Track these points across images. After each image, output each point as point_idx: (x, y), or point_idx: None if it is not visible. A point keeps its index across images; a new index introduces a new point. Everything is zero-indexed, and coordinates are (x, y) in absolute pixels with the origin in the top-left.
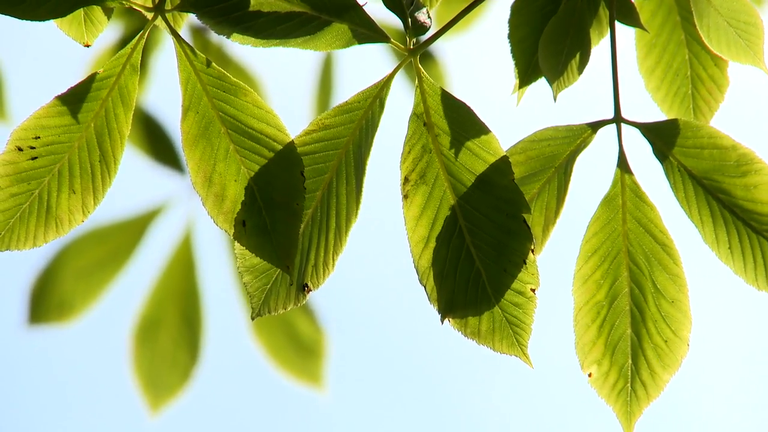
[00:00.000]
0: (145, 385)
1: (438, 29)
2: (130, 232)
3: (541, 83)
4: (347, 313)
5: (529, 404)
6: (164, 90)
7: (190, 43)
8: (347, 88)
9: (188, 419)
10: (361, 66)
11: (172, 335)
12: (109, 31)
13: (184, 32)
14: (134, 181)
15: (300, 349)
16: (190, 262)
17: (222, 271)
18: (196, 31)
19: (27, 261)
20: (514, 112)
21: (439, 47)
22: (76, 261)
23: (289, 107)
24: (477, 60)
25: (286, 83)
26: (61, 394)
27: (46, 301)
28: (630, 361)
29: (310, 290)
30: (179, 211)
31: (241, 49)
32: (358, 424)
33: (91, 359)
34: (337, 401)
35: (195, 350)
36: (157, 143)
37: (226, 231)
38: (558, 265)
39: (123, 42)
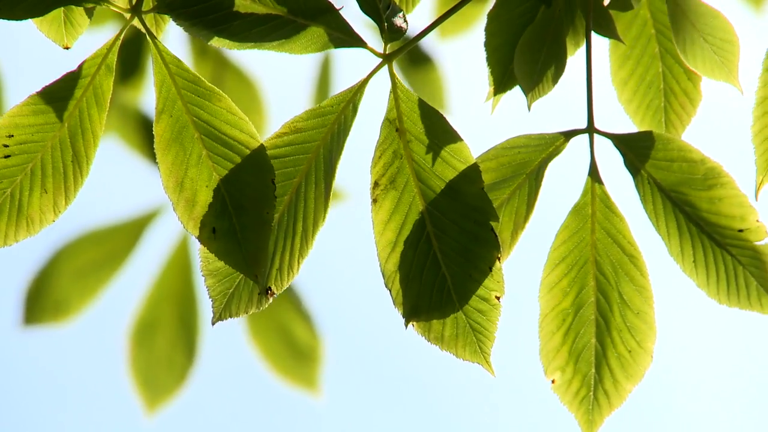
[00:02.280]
0: (142, 386)
1: (417, 33)
2: (127, 234)
3: (517, 91)
4: (343, 318)
5: (528, 406)
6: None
7: (188, 45)
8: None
9: (184, 421)
10: (360, 67)
11: (168, 337)
12: (107, 34)
13: (181, 34)
14: (131, 183)
15: (296, 354)
16: (186, 264)
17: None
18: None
19: (23, 261)
20: (504, 118)
21: (438, 48)
22: (73, 262)
23: (286, 109)
24: (476, 62)
25: (284, 85)
26: (57, 395)
27: (42, 302)
28: (593, 370)
29: (273, 294)
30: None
31: (239, 51)
32: (354, 429)
33: (88, 360)
34: (332, 406)
35: (191, 352)
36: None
37: (195, 237)
38: (526, 273)
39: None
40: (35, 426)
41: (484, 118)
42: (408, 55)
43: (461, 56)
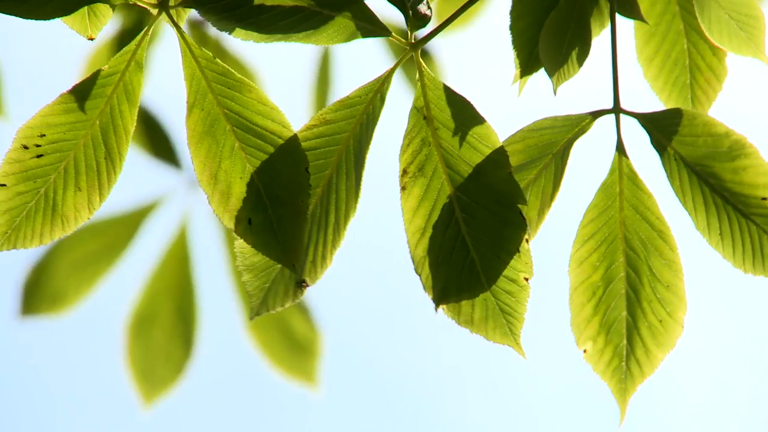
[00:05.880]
0: (139, 378)
1: (439, 24)
2: (125, 226)
3: (542, 75)
4: (342, 312)
5: (526, 400)
6: (161, 84)
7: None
8: (344, 83)
9: (181, 413)
10: (359, 61)
11: (166, 329)
12: (107, 26)
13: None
14: (131, 175)
15: (294, 348)
16: (185, 257)
17: (217, 267)
18: (194, 25)
19: (21, 252)
20: (513, 106)
21: (437, 43)
22: (71, 253)
23: (286, 102)
24: (475, 56)
25: (284, 77)
26: (54, 386)
27: (40, 293)
28: (625, 341)
29: (308, 286)
30: (175, 206)
31: (238, 42)
32: (352, 424)
33: (85, 352)
34: (330, 400)
35: (189, 345)
36: (155, 138)
37: (232, 229)
38: (554, 254)
39: (121, 36)
40: (32, 417)
41: (486, 112)
42: None
43: (455, 52)
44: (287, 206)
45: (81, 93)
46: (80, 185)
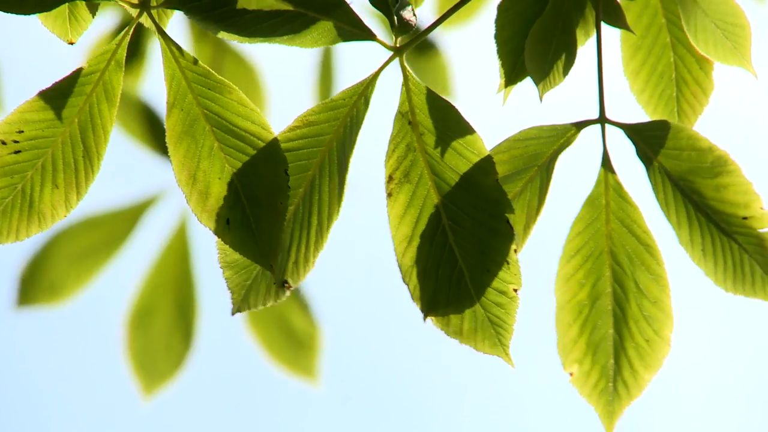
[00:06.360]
0: (139, 371)
1: (426, 27)
2: (124, 220)
3: (529, 83)
4: (342, 308)
5: (527, 398)
6: (161, 79)
7: (188, 34)
8: (348, 82)
9: (181, 406)
10: (363, 59)
11: (166, 322)
12: (107, 23)
13: (181, 23)
14: (130, 170)
15: (294, 343)
16: (184, 251)
17: (216, 261)
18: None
19: (19, 244)
20: (507, 109)
21: (443, 39)
22: (70, 245)
23: (288, 99)
24: (482, 52)
25: (286, 74)
26: (53, 378)
27: (38, 283)
28: (612, 361)
29: (290, 287)
30: (174, 201)
31: None
32: (351, 419)
33: (85, 344)
34: (330, 396)
35: (188, 338)
36: (154, 133)
37: (209, 229)
38: (541, 266)
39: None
40: (30, 410)
41: (490, 108)
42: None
43: (463, 46)
44: (265, 207)
45: (60, 91)
46: (57, 183)
